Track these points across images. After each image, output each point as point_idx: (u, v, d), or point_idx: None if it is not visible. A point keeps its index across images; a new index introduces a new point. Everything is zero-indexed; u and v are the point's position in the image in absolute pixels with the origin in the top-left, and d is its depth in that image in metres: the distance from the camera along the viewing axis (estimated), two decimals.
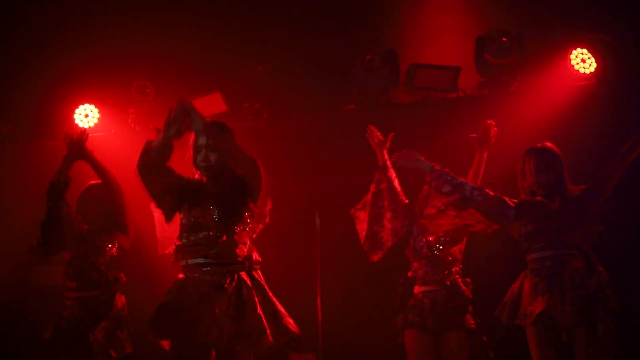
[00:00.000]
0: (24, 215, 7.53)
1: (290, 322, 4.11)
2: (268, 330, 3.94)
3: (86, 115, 7.65)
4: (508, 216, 4.77)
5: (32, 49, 7.91)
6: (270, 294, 4.19)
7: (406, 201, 5.60)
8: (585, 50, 6.66)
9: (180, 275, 4.18)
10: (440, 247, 5.36)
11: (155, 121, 7.44)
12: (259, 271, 4.30)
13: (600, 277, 4.62)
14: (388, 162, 5.57)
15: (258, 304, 4.04)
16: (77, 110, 7.65)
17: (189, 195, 4.19)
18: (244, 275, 4.13)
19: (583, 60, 6.66)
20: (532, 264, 4.76)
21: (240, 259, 4.15)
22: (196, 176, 4.32)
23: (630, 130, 6.41)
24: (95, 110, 7.65)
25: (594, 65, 6.64)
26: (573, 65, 6.65)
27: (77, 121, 7.62)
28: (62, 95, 7.69)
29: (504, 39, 6.81)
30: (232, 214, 4.17)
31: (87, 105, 7.64)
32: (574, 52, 6.67)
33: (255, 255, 4.35)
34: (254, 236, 4.38)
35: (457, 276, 5.37)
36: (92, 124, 7.62)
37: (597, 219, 4.77)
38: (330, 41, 7.42)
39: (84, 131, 5.76)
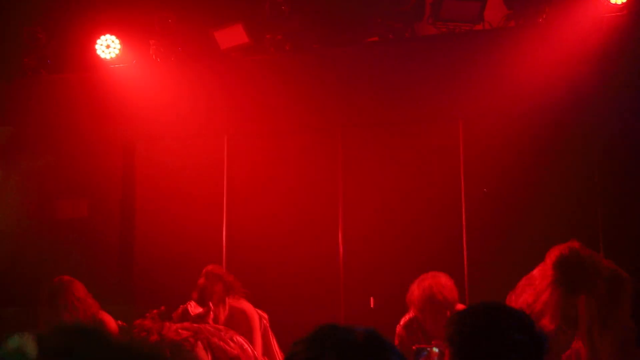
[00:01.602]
0: (47, 148, 7.59)
1: None
2: None
3: (107, 47, 7.59)
4: None
5: None
6: None
7: None
8: None
9: None
10: None
11: (176, 52, 7.42)
12: None
13: None
14: None
15: None
16: (98, 42, 7.59)
17: None
18: None
19: None
20: None
21: None
22: None
23: None
24: (117, 42, 7.58)
25: None
26: None
27: (98, 52, 7.57)
28: (83, 26, 7.62)
29: None
30: None
31: (108, 36, 7.58)
32: None
33: None
34: None
35: None
36: (113, 55, 7.58)
37: None
38: None
39: None
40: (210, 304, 5.83)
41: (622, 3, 6.46)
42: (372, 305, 6.66)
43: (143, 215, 7.34)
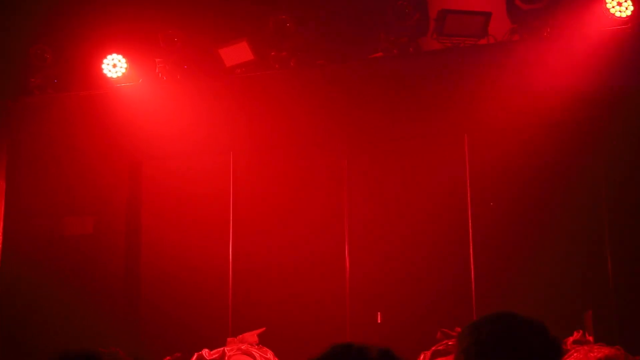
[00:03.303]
0: (53, 166, 7.61)
1: None
2: None
3: (114, 66, 7.62)
4: None
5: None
6: None
7: None
8: None
9: None
10: None
11: (182, 70, 7.46)
12: None
13: None
14: None
15: None
16: (105, 61, 7.62)
17: None
18: None
19: (619, 4, 6.44)
20: None
21: None
22: None
23: None
24: (123, 61, 7.61)
25: (631, 8, 6.42)
26: (609, 9, 6.44)
27: (105, 71, 7.60)
28: (90, 45, 7.67)
29: None
30: None
31: (115, 55, 7.61)
32: None
33: None
34: None
35: None
36: (119, 74, 7.60)
37: None
38: None
39: None
40: (225, 349, 5.82)
41: (627, 16, 6.47)
42: (379, 321, 6.63)
43: (149, 232, 7.35)
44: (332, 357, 1.93)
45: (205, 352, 6.04)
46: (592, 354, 5.23)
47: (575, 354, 5.29)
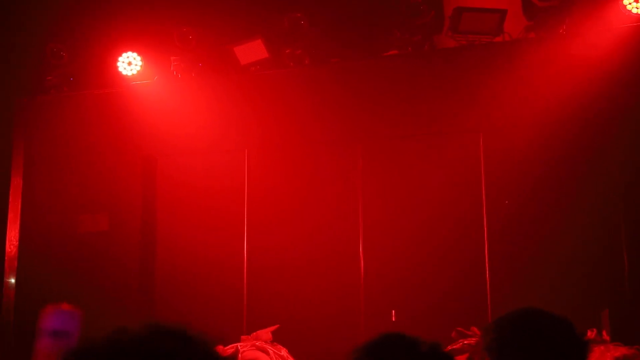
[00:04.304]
0: (69, 164, 7.65)
1: None
2: None
3: (129, 64, 7.65)
4: None
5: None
6: None
7: None
8: None
9: None
10: None
11: (197, 68, 7.48)
12: None
13: None
14: None
15: None
16: (120, 58, 7.65)
17: None
18: None
19: (636, 0, 6.40)
20: None
21: None
22: None
23: None
24: (138, 58, 7.65)
25: None
26: (625, 6, 6.40)
27: (120, 69, 7.64)
28: (105, 43, 7.70)
29: None
30: None
31: (130, 53, 7.64)
32: None
33: None
34: None
35: None
36: (135, 72, 7.64)
37: None
38: None
39: None
40: (238, 345, 5.82)
41: None
42: (393, 319, 6.62)
43: (164, 229, 7.37)
44: (384, 346, 1.94)
45: (218, 348, 6.03)
46: (608, 354, 5.20)
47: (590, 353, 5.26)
